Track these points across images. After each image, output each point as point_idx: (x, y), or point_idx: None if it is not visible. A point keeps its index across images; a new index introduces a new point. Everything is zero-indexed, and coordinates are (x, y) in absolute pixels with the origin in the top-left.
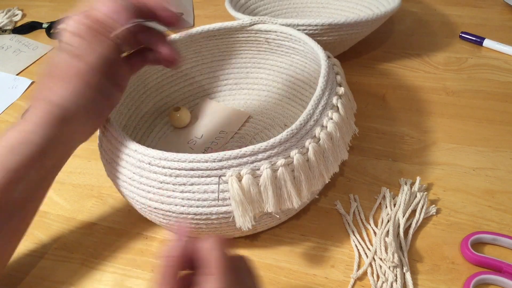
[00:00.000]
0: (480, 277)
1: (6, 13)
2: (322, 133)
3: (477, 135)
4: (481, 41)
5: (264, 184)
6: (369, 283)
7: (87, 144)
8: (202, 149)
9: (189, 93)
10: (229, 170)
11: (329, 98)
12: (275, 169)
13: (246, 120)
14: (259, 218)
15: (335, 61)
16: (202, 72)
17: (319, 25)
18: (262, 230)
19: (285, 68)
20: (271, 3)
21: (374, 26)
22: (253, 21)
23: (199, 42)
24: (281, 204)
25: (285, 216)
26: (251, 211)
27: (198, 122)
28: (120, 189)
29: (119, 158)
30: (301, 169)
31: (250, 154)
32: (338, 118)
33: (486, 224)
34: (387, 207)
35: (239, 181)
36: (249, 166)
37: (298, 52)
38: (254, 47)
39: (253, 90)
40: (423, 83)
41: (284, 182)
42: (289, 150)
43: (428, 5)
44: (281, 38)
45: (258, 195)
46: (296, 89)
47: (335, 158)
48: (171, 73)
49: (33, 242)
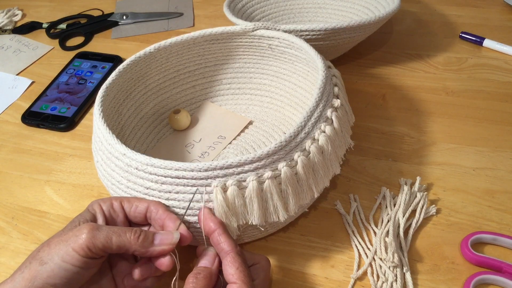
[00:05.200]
0: (480, 277)
1: (6, 13)
2: (313, 146)
3: (477, 135)
4: (481, 41)
5: (250, 196)
6: (369, 283)
7: (87, 145)
8: (199, 154)
9: (191, 95)
10: (214, 180)
11: (324, 110)
12: (262, 181)
13: (246, 126)
14: (244, 229)
15: (335, 71)
16: (205, 75)
17: (322, 30)
18: (248, 241)
19: (288, 75)
20: (268, 5)
21: (376, 28)
22: (256, 26)
23: (202, 45)
24: (267, 217)
25: (272, 228)
26: (235, 222)
27: (198, 125)
28: (109, 192)
29: (109, 160)
30: (288, 182)
31: (237, 165)
32: (331, 131)
33: (486, 224)
34: (387, 207)
35: (224, 192)
36: (235, 178)
37: (300, 60)
38: (257, 53)
39: (255, 95)
40: (423, 83)
41: (271, 195)
42: (277, 163)
43: (428, 5)
44: (284, 45)
45: (243, 207)
46: (298, 97)
47: (326, 172)
48: (173, 75)
49: (33, 242)
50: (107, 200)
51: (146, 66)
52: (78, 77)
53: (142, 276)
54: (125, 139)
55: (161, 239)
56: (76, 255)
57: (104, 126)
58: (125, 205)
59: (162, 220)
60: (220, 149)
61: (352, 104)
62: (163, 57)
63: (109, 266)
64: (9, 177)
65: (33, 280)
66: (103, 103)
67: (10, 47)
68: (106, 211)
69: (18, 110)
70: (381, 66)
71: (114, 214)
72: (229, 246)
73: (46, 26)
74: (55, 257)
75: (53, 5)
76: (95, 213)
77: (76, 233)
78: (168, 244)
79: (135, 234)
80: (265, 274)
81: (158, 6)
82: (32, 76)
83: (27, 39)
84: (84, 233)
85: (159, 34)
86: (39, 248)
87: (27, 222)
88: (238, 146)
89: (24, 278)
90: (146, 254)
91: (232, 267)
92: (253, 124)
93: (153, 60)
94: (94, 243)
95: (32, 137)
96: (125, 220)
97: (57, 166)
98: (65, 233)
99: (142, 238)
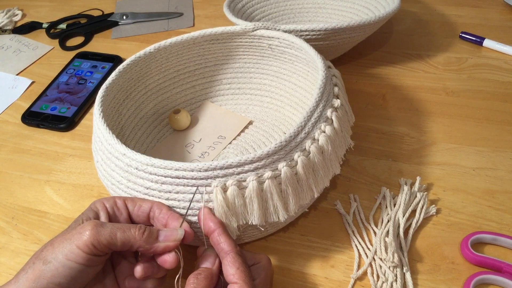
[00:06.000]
0: (480, 277)
1: (6, 13)
2: (313, 146)
3: (477, 135)
4: (481, 41)
5: (250, 196)
6: (369, 283)
7: (87, 145)
8: (199, 154)
9: (191, 95)
10: (214, 180)
11: (324, 110)
12: (262, 181)
13: (246, 126)
14: (244, 230)
15: (335, 71)
16: (205, 75)
17: (322, 30)
18: (248, 241)
19: (288, 75)
20: (268, 5)
21: (376, 28)
22: (256, 26)
23: (202, 45)
24: (267, 217)
25: (273, 228)
26: (235, 222)
27: (198, 125)
28: (109, 192)
29: (109, 160)
30: (288, 182)
31: (237, 165)
32: (331, 131)
33: (486, 224)
34: (387, 207)
35: (224, 192)
36: (235, 178)
37: (300, 60)
38: (257, 53)
39: (255, 95)
40: (423, 83)
41: (271, 195)
42: (277, 163)
43: (428, 5)
44: (284, 45)
45: (243, 207)
46: (298, 97)
47: (326, 172)
48: (173, 75)
49: (33, 242)
50: (110, 198)
51: (146, 66)
52: (78, 77)
53: (144, 274)
54: (125, 139)
55: (166, 235)
56: (80, 252)
57: (104, 126)
58: (128, 204)
59: (165, 219)
60: (220, 149)
61: (352, 104)
62: (163, 57)
63: (112, 266)
64: (9, 177)
65: (37, 280)
66: (103, 103)
67: (10, 47)
68: (109, 208)
69: (18, 110)
70: (381, 66)
71: (117, 212)
72: (229, 246)
73: (46, 26)
74: (59, 256)
75: (53, 5)
76: (98, 211)
77: (80, 231)
78: (172, 241)
79: (139, 230)
80: (266, 273)
81: (158, 6)
82: (32, 76)
83: (27, 39)
84: (88, 230)
85: (159, 34)
86: (43, 248)
87: (27, 222)
88: (238, 146)
89: (28, 279)
90: (150, 251)
91: (233, 267)
92: (253, 124)
93: (153, 60)
94: (98, 240)
95: (32, 137)
96: (128, 218)
97: (57, 166)
98: (69, 232)
99: (147, 234)
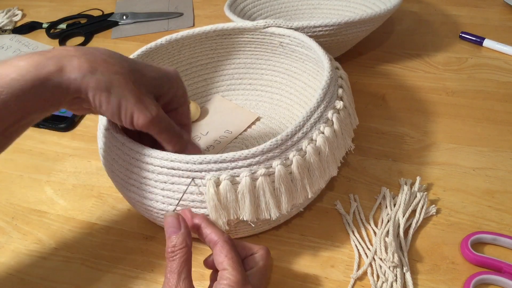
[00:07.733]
0: (480, 277)
1: (6, 13)
2: (309, 146)
3: (477, 135)
4: (481, 41)
5: (242, 192)
6: (369, 283)
7: (87, 145)
8: (205, 147)
9: (202, 88)
10: (208, 173)
11: (325, 111)
12: (255, 178)
13: (254, 122)
14: (236, 225)
15: (342, 73)
16: (217, 69)
17: (335, 25)
18: (243, 236)
19: (298, 73)
20: (266, 7)
21: (383, 19)
22: (267, 23)
23: (214, 39)
24: (259, 214)
25: (266, 225)
26: (225, 217)
27: (206, 118)
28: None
29: (112, 152)
30: (282, 181)
31: (231, 160)
32: (330, 133)
33: (486, 224)
34: (387, 207)
35: (216, 186)
36: (229, 172)
37: (310, 59)
38: (269, 50)
39: (266, 92)
40: (423, 83)
41: (263, 192)
42: (272, 160)
43: (428, 5)
44: (295, 43)
45: (234, 202)
46: (308, 96)
47: (322, 173)
48: (185, 67)
49: (33, 242)
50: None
51: (158, 57)
52: None
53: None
54: None
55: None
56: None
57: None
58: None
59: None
60: (225, 143)
61: None
62: (176, 49)
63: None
64: (9, 177)
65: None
66: None
67: (10, 47)
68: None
69: None
70: (381, 66)
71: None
72: (216, 235)
73: (46, 26)
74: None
75: (53, 5)
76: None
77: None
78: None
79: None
80: (264, 263)
81: (158, 6)
82: None
83: (27, 39)
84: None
85: (159, 34)
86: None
87: (27, 222)
88: (244, 141)
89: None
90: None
91: (221, 255)
92: (260, 121)
93: (165, 52)
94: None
95: (32, 137)
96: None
97: (57, 166)
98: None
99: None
